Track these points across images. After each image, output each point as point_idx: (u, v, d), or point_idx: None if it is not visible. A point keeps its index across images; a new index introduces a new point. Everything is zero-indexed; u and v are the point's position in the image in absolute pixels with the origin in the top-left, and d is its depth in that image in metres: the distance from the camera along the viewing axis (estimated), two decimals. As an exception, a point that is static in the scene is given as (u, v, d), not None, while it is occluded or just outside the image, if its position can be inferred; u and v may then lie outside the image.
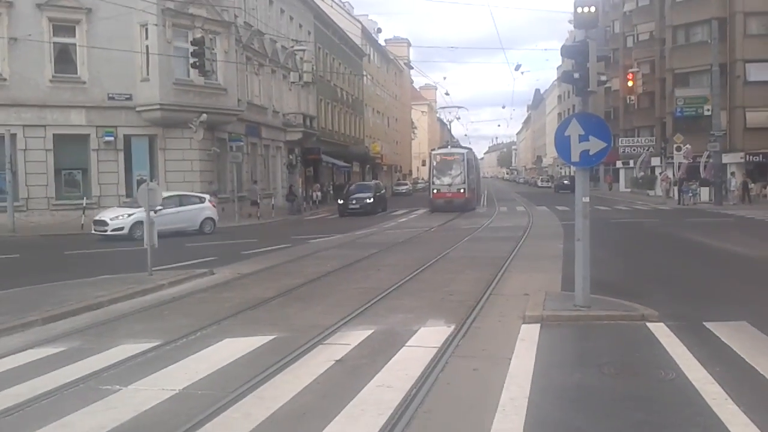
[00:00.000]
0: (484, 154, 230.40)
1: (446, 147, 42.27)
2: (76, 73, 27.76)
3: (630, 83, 26.14)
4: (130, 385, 6.40)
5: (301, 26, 46.70)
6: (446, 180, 35.52)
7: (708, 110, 40.83)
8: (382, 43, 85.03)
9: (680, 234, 21.60)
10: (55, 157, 27.43)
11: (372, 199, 35.17)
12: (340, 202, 35.65)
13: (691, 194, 38.54)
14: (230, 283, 12.95)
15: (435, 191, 35.66)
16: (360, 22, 68.80)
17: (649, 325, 8.49)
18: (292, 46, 42.20)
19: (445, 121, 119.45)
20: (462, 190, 35.30)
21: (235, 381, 6.42)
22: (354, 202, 34.74)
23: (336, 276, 13.57)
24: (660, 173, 48.16)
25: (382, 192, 39.79)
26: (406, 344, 7.78)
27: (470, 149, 43.83)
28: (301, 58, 43.19)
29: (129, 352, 7.61)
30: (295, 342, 7.90)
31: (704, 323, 8.54)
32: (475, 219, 30.12)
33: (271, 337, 8.24)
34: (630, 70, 32.46)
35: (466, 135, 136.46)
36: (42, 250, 20.16)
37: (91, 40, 27.37)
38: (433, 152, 38.89)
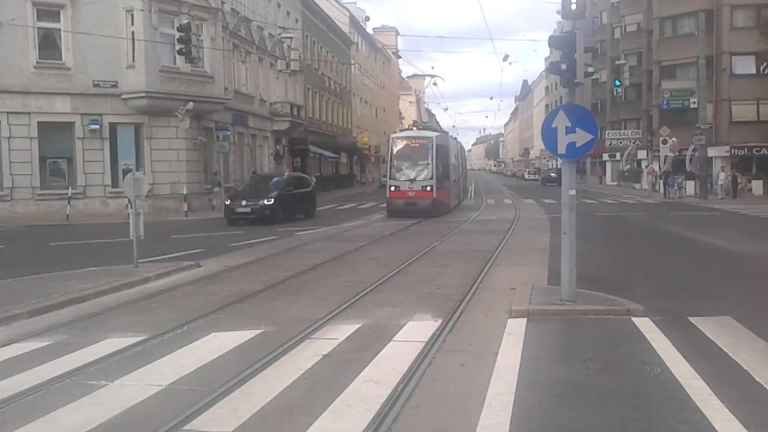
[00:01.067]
0: (472, 145, 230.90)
1: (412, 129, 31.74)
2: (61, 59, 27.46)
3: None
4: (117, 380, 6.37)
5: (288, 13, 46.44)
6: (408, 173, 26.11)
7: (694, 103, 41.06)
8: (370, 32, 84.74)
9: (666, 228, 21.75)
10: (39, 146, 27.16)
11: (273, 201, 24.37)
12: (227, 202, 25.17)
13: (676, 188, 38.77)
14: (217, 275, 12.90)
15: (392, 188, 26.21)
16: (348, 10, 68.53)
17: (635, 319, 8.54)
18: (280, 34, 41.95)
19: (429, 109, 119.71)
20: (429, 188, 25.63)
21: (222, 376, 6.40)
22: (244, 204, 24.30)
23: (323, 269, 13.55)
24: (646, 166, 48.42)
25: (307, 189, 27.89)
26: (394, 339, 7.79)
27: (445, 133, 34.26)
28: (289, 46, 42.96)
29: (115, 346, 7.57)
30: (283, 336, 7.89)
31: (689, 318, 8.61)
32: (462, 212, 30.18)
33: (259, 331, 8.23)
34: (617, 63, 32.66)
35: (453, 126, 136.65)
36: (26, 241, 20.00)
37: (75, 26, 27.08)
38: (393, 136, 29.21)
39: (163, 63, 28.47)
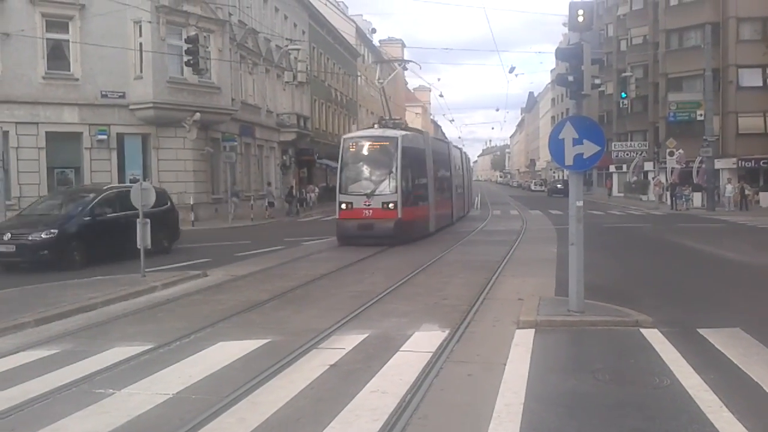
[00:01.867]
0: (478, 156, 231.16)
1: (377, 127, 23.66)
2: (69, 70, 27.59)
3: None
4: (124, 388, 6.37)
5: (295, 25, 46.64)
6: (362, 185, 19.90)
7: (701, 115, 41.01)
8: (377, 44, 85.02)
9: (673, 239, 21.67)
10: (47, 156, 27.22)
11: (58, 234, 15.36)
12: None
13: (684, 200, 38.66)
14: (224, 285, 12.90)
15: (342, 206, 19.84)
16: (354, 22, 68.78)
17: (643, 331, 8.50)
18: (287, 46, 42.13)
19: (435, 120, 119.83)
20: (391, 205, 19.37)
21: (229, 385, 6.39)
22: (6, 239, 15.26)
23: (330, 279, 13.54)
24: (653, 178, 48.32)
25: (159, 209, 16.41)
26: (401, 349, 7.77)
27: (420, 133, 25.54)
28: (296, 58, 43.13)
29: (122, 355, 7.57)
30: (290, 346, 7.87)
31: (698, 329, 8.56)
32: (468, 223, 30.14)
33: (266, 341, 8.21)
34: (623, 75, 32.63)
35: (459, 137, 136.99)
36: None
37: (84, 37, 27.22)
38: (345, 137, 21.84)
39: (171, 74, 28.58)
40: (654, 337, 8.18)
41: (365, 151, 20.48)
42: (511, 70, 67.87)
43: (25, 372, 6.99)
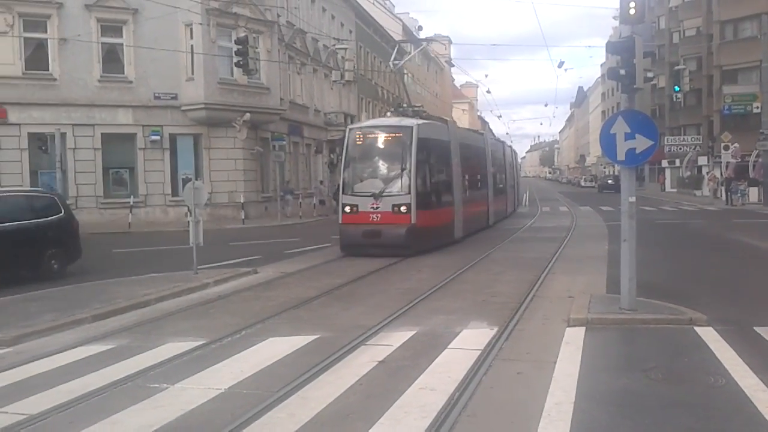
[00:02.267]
0: (526, 153, 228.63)
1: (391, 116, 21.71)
2: (123, 73, 28.26)
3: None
4: (177, 383, 6.51)
5: (342, 25, 46.85)
6: (369, 184, 17.11)
7: (757, 108, 39.80)
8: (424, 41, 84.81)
9: (729, 235, 21.12)
10: (103, 156, 27.98)
11: None
12: None
13: (739, 195, 37.64)
14: (273, 282, 13.07)
15: (346, 209, 17.09)
16: (401, 20, 68.78)
17: (697, 329, 8.32)
18: (334, 45, 42.36)
19: (482, 116, 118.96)
20: (404, 208, 16.54)
21: (279, 381, 6.48)
22: None
23: (377, 276, 13.59)
24: (707, 173, 47.17)
25: (59, 219, 14.57)
26: (449, 346, 7.76)
27: (449, 122, 23.64)
28: (343, 57, 43.34)
29: (176, 350, 7.74)
30: (338, 342, 7.94)
31: (755, 328, 8.36)
32: (517, 220, 29.86)
33: (314, 337, 8.30)
34: (676, 68, 31.89)
35: (507, 133, 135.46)
36: (91, 248, 20.56)
37: (137, 40, 27.85)
38: (351, 127, 19.14)
39: (221, 75, 29.03)
40: (709, 335, 8.00)
41: (374, 144, 17.57)
42: (560, 64, 66.83)
43: (83, 366, 7.21)
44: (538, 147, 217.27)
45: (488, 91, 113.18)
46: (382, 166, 17.37)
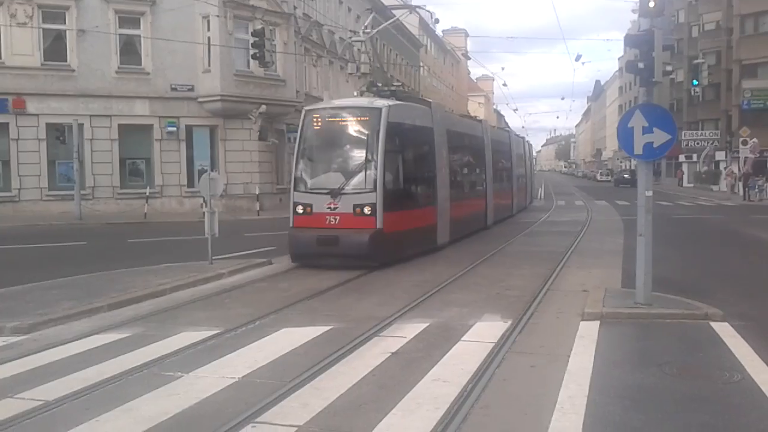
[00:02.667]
0: (542, 146, 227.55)
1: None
2: (141, 65, 28.41)
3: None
4: (192, 372, 6.56)
5: (358, 17, 46.81)
6: (326, 179, 14.16)
7: (777, 103, 39.43)
8: (440, 34, 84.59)
9: (746, 231, 20.93)
10: (120, 147, 28.17)
11: None
12: None
13: (757, 190, 37.28)
14: (287, 273, 13.12)
15: (298, 210, 14.19)
16: (417, 13, 68.53)
17: (713, 324, 8.27)
18: (350, 38, 42.33)
19: (498, 109, 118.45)
20: (368, 209, 13.55)
21: (293, 370, 6.51)
22: None
23: (391, 268, 13.57)
24: (725, 168, 46.75)
25: None
26: (462, 339, 7.76)
27: (432, 104, 17.90)
28: (359, 50, 43.27)
29: (190, 339, 7.79)
30: (352, 333, 7.96)
31: (772, 324, 8.29)
32: (532, 213, 29.75)
33: (328, 328, 8.33)
34: (695, 62, 31.61)
35: (523, 127, 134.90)
36: (107, 237, 20.77)
37: (155, 32, 27.98)
38: (307, 109, 15.24)
39: (238, 67, 29.11)
40: (724, 330, 7.95)
41: (333, 130, 14.38)
42: (578, 58, 66.76)
43: (99, 354, 7.27)
44: (554, 141, 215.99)
45: (504, 84, 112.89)
46: (343, 157, 14.27)
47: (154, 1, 28.04)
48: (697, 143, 54.25)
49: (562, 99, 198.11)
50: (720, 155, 50.91)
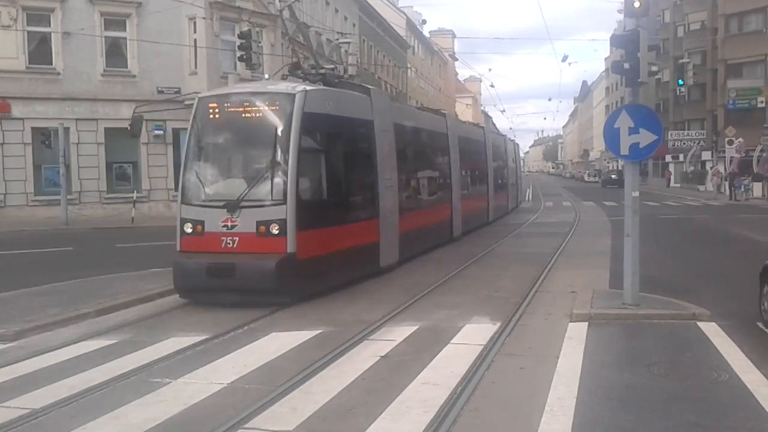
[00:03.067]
0: (530, 147, 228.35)
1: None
2: (127, 67, 28.23)
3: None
4: (180, 378, 6.53)
5: (346, 18, 46.80)
6: (222, 187, 10.94)
7: (762, 102, 39.83)
8: (427, 35, 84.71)
9: (732, 231, 21.08)
10: (106, 151, 28.00)
11: None
12: None
13: (743, 189, 37.55)
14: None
15: (186, 229, 10.68)
16: (405, 14, 68.62)
17: (700, 324, 8.34)
18: (337, 39, 42.29)
19: (486, 111, 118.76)
20: (276, 228, 10.10)
21: (282, 375, 6.50)
22: None
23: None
24: (711, 168, 47.05)
25: None
26: (451, 341, 7.77)
27: (372, 91, 14.04)
28: (346, 51, 43.22)
29: (179, 345, 7.76)
30: (341, 337, 7.96)
31: (758, 323, 8.38)
32: (520, 215, 29.84)
33: (317, 332, 8.31)
34: (680, 62, 31.81)
35: (511, 128, 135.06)
36: (94, 243, 20.64)
37: (141, 34, 27.82)
38: (200, 96, 11.76)
39: (224, 69, 28.96)
40: (712, 330, 8.01)
41: (234, 122, 11.06)
42: (564, 58, 67.15)
43: (86, 361, 7.22)
44: (542, 142, 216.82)
45: (492, 86, 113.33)
46: (245, 159, 11.17)
47: (140, 3, 27.89)
48: (684, 143, 54.56)
49: (549, 100, 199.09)
50: (706, 155, 51.22)
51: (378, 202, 12.96)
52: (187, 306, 10.28)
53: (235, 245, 10.16)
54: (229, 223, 10.21)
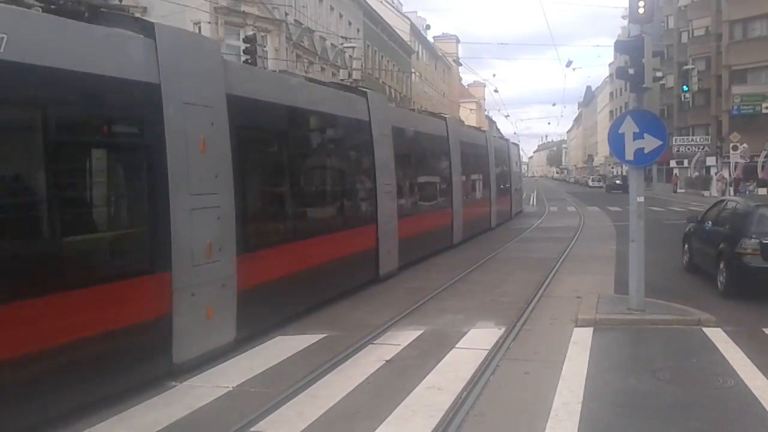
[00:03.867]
0: (534, 152, 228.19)
1: None
2: (132, 72, 28.36)
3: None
4: (186, 381, 6.54)
5: (350, 23, 46.88)
6: None
7: (766, 108, 39.72)
8: (431, 40, 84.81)
9: (737, 236, 20.99)
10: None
11: None
12: None
13: (748, 195, 37.50)
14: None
15: None
16: (409, 19, 68.72)
17: (706, 330, 8.30)
18: (342, 44, 42.38)
19: (490, 116, 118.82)
20: None
21: (288, 379, 6.50)
22: None
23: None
24: (715, 173, 46.98)
25: None
26: (456, 346, 7.77)
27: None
28: (350, 56, 43.33)
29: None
30: (346, 341, 7.95)
31: (764, 329, 8.36)
32: (524, 220, 29.80)
33: (322, 336, 8.32)
34: (685, 68, 31.77)
35: (515, 133, 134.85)
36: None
37: (146, 40, 27.95)
38: None
39: (229, 74, 29.13)
40: (717, 336, 7.98)
41: None
42: (568, 64, 66.86)
43: (92, 364, 7.21)
44: (546, 147, 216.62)
45: (496, 91, 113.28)
46: None
47: (146, 7, 27.96)
48: (688, 149, 54.49)
49: (554, 105, 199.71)
50: (711, 161, 51.16)
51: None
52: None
53: None
54: None
